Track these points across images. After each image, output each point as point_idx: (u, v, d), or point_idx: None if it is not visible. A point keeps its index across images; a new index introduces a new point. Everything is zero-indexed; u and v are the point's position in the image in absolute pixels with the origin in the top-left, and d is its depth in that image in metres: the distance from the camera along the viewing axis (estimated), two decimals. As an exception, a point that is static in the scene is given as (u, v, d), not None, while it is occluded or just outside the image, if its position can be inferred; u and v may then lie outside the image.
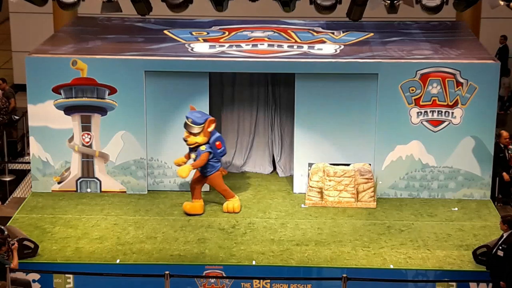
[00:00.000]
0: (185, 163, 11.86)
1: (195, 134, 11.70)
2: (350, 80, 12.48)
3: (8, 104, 15.07)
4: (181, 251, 10.76)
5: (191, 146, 11.81)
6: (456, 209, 12.32)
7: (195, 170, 11.89)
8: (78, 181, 12.84)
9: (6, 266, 9.68)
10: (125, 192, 12.63)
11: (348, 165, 12.54)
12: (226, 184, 12.11)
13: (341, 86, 12.52)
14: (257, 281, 10.28)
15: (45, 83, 12.44)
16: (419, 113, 12.47)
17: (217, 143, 11.86)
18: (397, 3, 11.86)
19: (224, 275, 10.36)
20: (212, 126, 11.76)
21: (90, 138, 12.71)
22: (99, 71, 12.43)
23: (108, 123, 12.53)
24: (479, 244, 10.81)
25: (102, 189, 12.75)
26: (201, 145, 11.73)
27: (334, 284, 10.13)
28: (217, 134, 11.96)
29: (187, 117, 11.77)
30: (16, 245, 9.96)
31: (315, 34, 13.85)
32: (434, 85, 12.37)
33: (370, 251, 10.81)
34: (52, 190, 12.83)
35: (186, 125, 11.79)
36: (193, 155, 11.80)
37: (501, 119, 15.51)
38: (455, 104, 12.43)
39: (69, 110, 12.59)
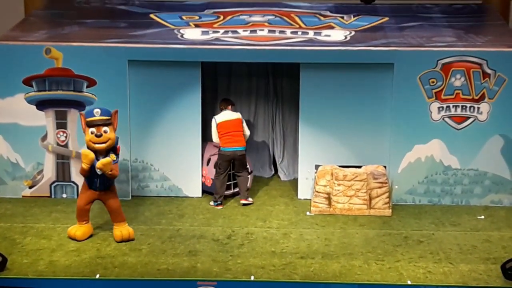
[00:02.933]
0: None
1: (106, 128, 11.01)
2: (362, 71, 12.52)
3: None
4: (169, 265, 10.77)
5: (102, 148, 11.03)
6: (483, 217, 12.35)
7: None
8: (52, 186, 12.88)
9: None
10: (105, 198, 12.66)
11: (359, 167, 12.58)
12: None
13: (351, 78, 12.56)
14: (256, 299, 10.33)
15: (14, 74, 12.47)
16: (441, 108, 12.50)
17: (118, 146, 11.33)
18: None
19: (219, 292, 10.39)
20: (116, 119, 11.21)
21: (66, 137, 12.74)
22: (76, 61, 12.46)
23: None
24: (508, 257, 10.82)
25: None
26: (110, 150, 11.12)
27: (343, 302, 10.17)
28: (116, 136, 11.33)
29: (90, 112, 10.99)
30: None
31: (322, 18, 13.89)
32: (458, 76, 12.40)
33: (385, 265, 10.83)
34: (23, 196, 12.89)
35: (93, 122, 10.96)
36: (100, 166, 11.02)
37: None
38: (481, 98, 12.46)
39: (42, 104, 12.62)
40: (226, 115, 12.65)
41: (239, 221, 12.14)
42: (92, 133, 11.02)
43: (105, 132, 11.03)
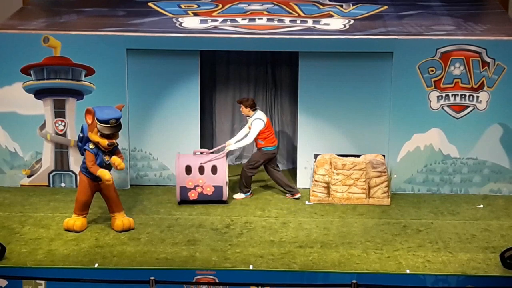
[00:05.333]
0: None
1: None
2: (361, 60, 12.50)
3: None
4: (168, 254, 10.79)
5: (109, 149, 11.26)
6: (482, 206, 12.36)
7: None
8: (51, 175, 12.88)
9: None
10: (104, 187, 12.66)
11: (358, 156, 12.58)
12: None
13: (350, 67, 12.55)
14: (255, 287, 10.32)
15: (12, 63, 12.45)
16: (440, 97, 12.50)
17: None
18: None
19: (217, 281, 10.39)
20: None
21: (64, 126, 12.73)
22: (75, 49, 12.44)
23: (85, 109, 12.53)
24: (507, 245, 10.84)
25: (78, 184, 12.76)
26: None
27: (342, 291, 10.18)
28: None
29: (108, 120, 11.01)
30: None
31: (321, 7, 13.87)
32: (457, 65, 12.39)
33: (384, 254, 10.85)
34: (21, 185, 12.89)
35: (111, 127, 11.07)
36: (108, 158, 11.26)
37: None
38: (480, 87, 12.45)
39: (40, 93, 12.61)
40: (263, 114, 12.37)
41: (238, 210, 12.15)
42: (105, 138, 11.04)
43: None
